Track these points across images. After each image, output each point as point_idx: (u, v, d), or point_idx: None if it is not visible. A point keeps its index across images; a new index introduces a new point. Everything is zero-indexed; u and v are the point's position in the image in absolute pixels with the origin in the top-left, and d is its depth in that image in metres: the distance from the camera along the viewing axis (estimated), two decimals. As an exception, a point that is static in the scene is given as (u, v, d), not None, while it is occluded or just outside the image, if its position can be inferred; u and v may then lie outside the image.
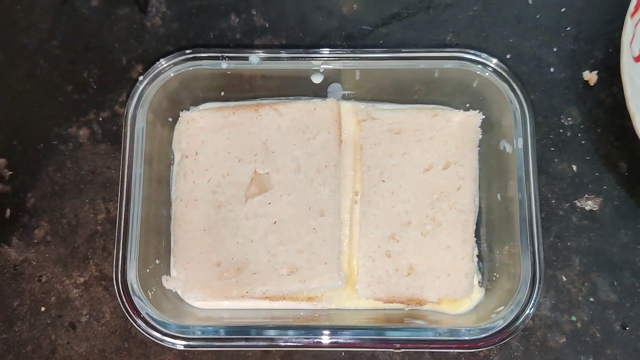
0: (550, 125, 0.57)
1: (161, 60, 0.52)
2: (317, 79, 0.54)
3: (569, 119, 0.57)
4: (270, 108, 0.54)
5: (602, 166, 0.57)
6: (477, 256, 0.54)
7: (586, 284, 0.55)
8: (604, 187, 0.56)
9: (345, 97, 0.56)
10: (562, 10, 0.59)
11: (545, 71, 0.58)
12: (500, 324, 0.48)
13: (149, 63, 0.57)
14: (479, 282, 0.53)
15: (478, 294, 0.52)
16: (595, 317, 0.54)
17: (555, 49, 0.59)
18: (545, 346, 0.54)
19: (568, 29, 0.59)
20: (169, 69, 0.52)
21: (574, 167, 0.57)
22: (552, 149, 0.57)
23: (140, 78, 0.52)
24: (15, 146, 0.57)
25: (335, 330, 0.48)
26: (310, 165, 0.53)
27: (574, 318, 0.54)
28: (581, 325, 0.54)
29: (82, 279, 0.55)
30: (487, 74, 0.51)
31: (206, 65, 0.52)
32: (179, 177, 0.53)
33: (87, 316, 0.55)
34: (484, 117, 0.54)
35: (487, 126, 0.54)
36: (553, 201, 0.56)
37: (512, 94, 0.51)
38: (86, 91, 0.59)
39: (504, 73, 0.51)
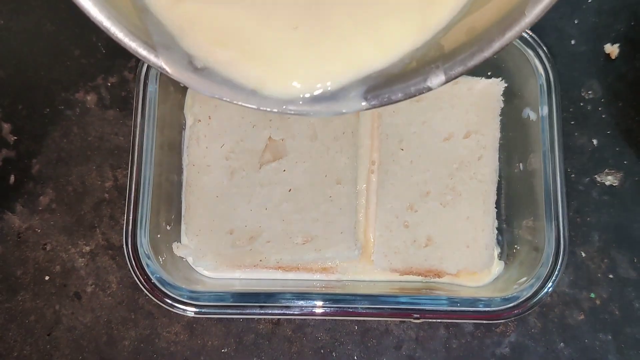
0: (571, 99, 0.56)
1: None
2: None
3: (590, 92, 0.56)
4: None
5: (623, 141, 0.55)
6: (497, 228, 0.52)
7: (605, 260, 0.53)
8: (624, 162, 0.55)
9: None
10: (585, -19, 0.58)
11: (566, 44, 0.57)
12: (524, 294, 0.46)
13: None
14: (498, 254, 0.52)
15: (497, 267, 0.51)
16: (614, 295, 0.53)
17: (576, 21, 0.57)
18: (564, 323, 0.52)
19: (589, 1, 0.58)
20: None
21: (594, 142, 0.55)
22: (572, 122, 0.56)
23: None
24: (20, 110, 0.56)
25: (351, 299, 0.46)
26: (327, 132, 0.51)
27: (593, 295, 0.53)
28: (600, 302, 0.53)
29: (88, 248, 0.54)
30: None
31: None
32: (191, 142, 0.52)
33: (93, 286, 0.53)
34: (506, 85, 0.52)
35: (509, 95, 0.53)
36: (573, 176, 0.55)
37: (537, 60, 0.49)
38: (94, 55, 0.57)
39: (529, 39, 0.49)
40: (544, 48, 0.50)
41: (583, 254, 0.53)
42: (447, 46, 0.31)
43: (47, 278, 0.53)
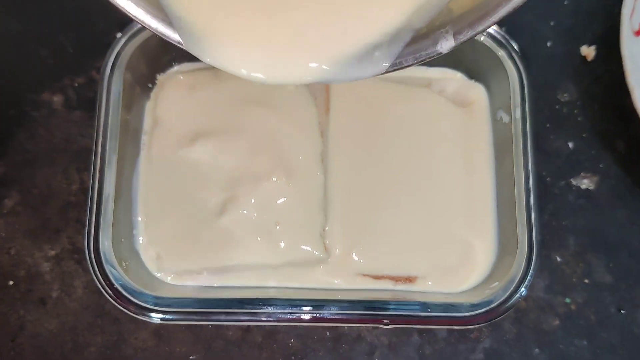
0: (546, 101, 0.55)
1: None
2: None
3: (566, 94, 0.56)
4: None
5: (599, 144, 0.55)
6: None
7: (581, 264, 0.53)
8: (601, 165, 0.55)
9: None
10: (561, -17, 0.58)
11: (541, 45, 0.57)
12: (494, 300, 0.46)
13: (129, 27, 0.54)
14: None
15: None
16: (590, 299, 0.52)
17: (552, 23, 0.57)
18: (539, 328, 0.52)
19: (566, 2, 0.57)
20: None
21: (570, 145, 0.55)
22: (548, 125, 0.55)
23: (119, 34, 0.49)
24: (-15, 112, 0.54)
25: (320, 305, 0.45)
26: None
27: (568, 300, 0.52)
28: (575, 307, 0.52)
29: (53, 252, 0.52)
30: (482, 38, 0.49)
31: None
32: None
33: (58, 291, 0.52)
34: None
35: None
36: (548, 179, 0.54)
37: (509, 60, 0.49)
38: (61, 56, 0.56)
39: (501, 39, 0.49)
40: (516, 49, 0.49)
41: (558, 258, 0.53)
42: (456, 10, 0.32)
43: (11, 283, 0.52)
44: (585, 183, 0.54)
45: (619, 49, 0.50)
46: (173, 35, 0.33)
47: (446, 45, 0.31)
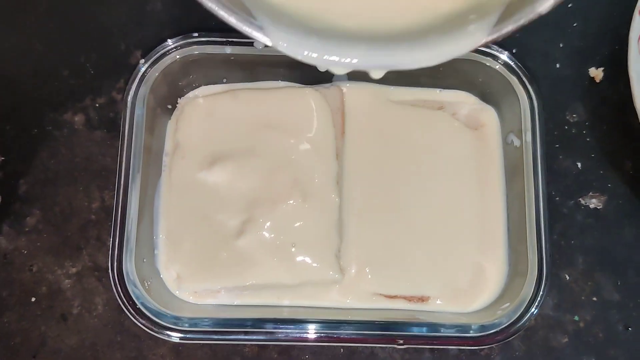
0: (555, 122, 0.56)
1: (169, 41, 0.51)
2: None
3: (574, 115, 0.57)
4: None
5: (607, 164, 0.56)
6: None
7: (589, 283, 0.54)
8: (609, 185, 0.56)
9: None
10: (570, 5, 0.59)
11: (550, 67, 0.58)
12: (505, 321, 0.47)
13: (148, 49, 0.55)
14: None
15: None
16: (598, 317, 0.53)
17: (561, 45, 0.58)
18: (548, 346, 0.53)
19: (575, 24, 0.58)
20: (174, 51, 0.51)
21: (579, 165, 0.56)
22: (557, 145, 0.56)
23: (142, 61, 0.51)
24: (9, 131, 0.56)
25: (335, 325, 0.46)
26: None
27: (576, 318, 0.53)
28: (584, 325, 0.53)
29: (74, 269, 0.54)
30: (497, 66, 0.51)
31: (210, 50, 0.51)
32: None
33: (79, 308, 0.53)
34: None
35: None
36: (557, 198, 0.55)
37: (521, 86, 0.50)
38: (83, 76, 0.57)
39: (514, 66, 0.50)
40: (528, 74, 0.50)
41: (567, 277, 0.54)
42: None
43: (33, 299, 0.53)
44: (594, 202, 0.55)
45: (627, 70, 0.51)
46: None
47: (546, 4, 0.28)
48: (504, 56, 0.51)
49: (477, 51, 0.51)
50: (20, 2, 0.58)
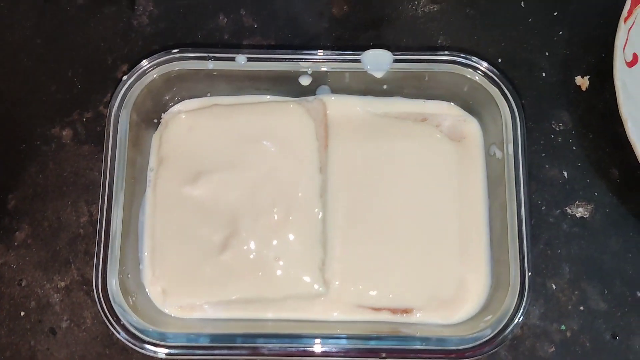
0: (541, 131, 0.57)
1: (144, 60, 0.51)
2: (305, 81, 0.53)
3: (560, 124, 0.57)
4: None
5: (594, 172, 0.56)
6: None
7: (576, 292, 0.54)
8: (595, 193, 0.56)
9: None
10: (555, 14, 0.59)
11: (536, 76, 0.58)
12: (489, 333, 0.47)
13: (135, 63, 0.55)
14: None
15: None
16: (585, 327, 0.53)
17: (547, 53, 0.58)
18: (534, 356, 0.53)
19: (560, 33, 0.59)
20: (154, 68, 0.51)
21: (565, 174, 0.56)
22: (543, 154, 0.56)
23: (124, 77, 0.51)
24: (-3, 146, 0.56)
25: (319, 339, 0.47)
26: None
27: (563, 327, 0.53)
28: (571, 334, 0.53)
29: (63, 284, 0.54)
30: (477, 77, 0.51)
31: (192, 65, 0.51)
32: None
33: (68, 321, 0.54)
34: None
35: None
36: (543, 208, 0.55)
37: (502, 98, 0.50)
38: (70, 91, 0.57)
39: (494, 77, 0.50)
40: (510, 85, 0.50)
41: (554, 286, 0.54)
42: None
43: (22, 314, 0.54)
44: (580, 211, 0.55)
45: (613, 79, 0.51)
46: None
47: None
48: (484, 67, 0.51)
49: (458, 62, 0.51)
50: (7, 16, 0.59)
